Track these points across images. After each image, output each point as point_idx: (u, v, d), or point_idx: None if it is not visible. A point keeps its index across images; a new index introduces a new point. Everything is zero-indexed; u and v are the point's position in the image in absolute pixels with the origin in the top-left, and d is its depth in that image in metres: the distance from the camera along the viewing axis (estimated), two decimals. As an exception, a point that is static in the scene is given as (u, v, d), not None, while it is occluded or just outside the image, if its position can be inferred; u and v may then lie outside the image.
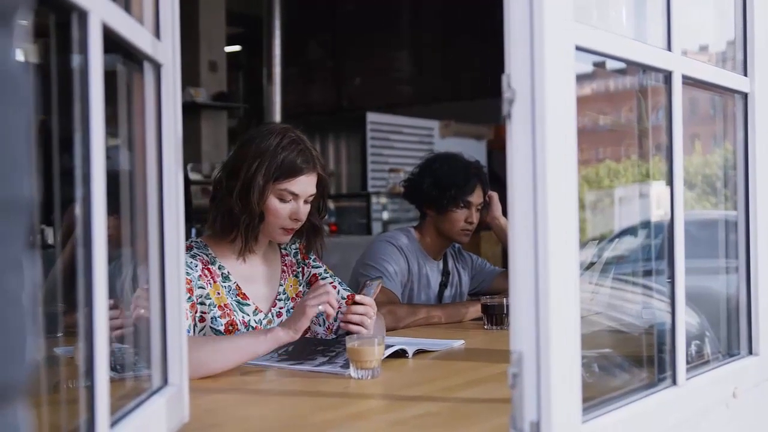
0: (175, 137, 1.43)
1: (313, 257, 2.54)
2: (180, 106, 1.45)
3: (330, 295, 2.10)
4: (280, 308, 2.42)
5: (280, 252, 2.50)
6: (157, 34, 1.40)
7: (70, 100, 1.05)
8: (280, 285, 2.45)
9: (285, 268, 2.48)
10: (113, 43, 1.15)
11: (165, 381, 1.41)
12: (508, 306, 2.77)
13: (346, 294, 2.48)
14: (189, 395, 1.49)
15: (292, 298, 2.46)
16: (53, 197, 1.11)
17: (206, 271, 2.26)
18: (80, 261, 1.04)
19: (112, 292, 1.10)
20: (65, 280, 1.25)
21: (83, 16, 1.03)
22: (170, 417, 1.38)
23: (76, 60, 1.05)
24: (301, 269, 2.52)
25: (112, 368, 1.17)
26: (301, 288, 2.49)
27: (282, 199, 2.29)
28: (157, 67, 1.39)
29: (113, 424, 1.12)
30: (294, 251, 2.53)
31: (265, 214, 2.30)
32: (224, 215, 2.30)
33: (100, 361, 1.04)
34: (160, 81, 1.40)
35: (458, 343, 2.46)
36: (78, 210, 1.04)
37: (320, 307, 2.07)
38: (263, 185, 2.25)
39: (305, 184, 2.32)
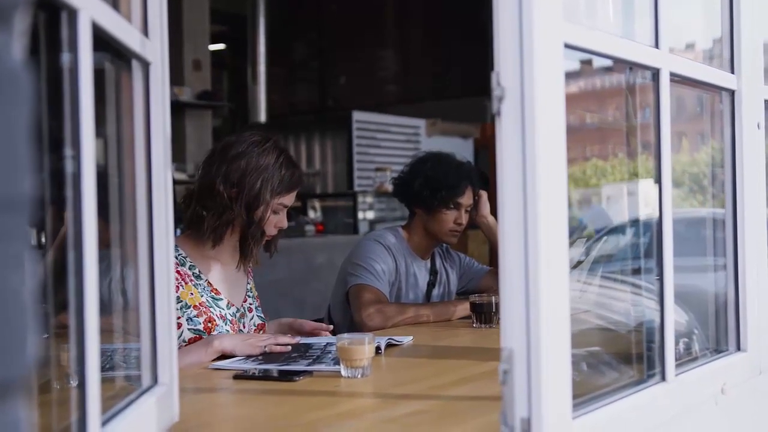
0: (164, 136, 1.43)
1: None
2: (168, 105, 1.44)
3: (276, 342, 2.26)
4: (250, 304, 2.55)
5: None
6: (145, 32, 1.39)
7: (59, 99, 1.05)
8: (248, 283, 2.57)
9: (249, 269, 2.60)
10: (101, 41, 1.14)
11: (155, 380, 1.41)
12: (496, 304, 2.78)
13: (258, 321, 2.56)
14: (179, 395, 1.49)
15: (256, 296, 2.60)
16: (39, 198, 1.11)
17: (176, 274, 2.29)
18: (71, 261, 1.03)
19: (100, 293, 1.09)
20: (52, 280, 1.25)
21: (73, 14, 1.02)
22: (160, 416, 1.37)
23: (65, 58, 1.04)
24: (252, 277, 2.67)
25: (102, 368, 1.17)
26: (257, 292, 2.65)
27: (275, 212, 2.42)
28: (145, 65, 1.39)
29: (104, 423, 1.12)
30: None
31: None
32: (225, 225, 2.38)
33: (91, 362, 1.04)
34: (149, 79, 1.40)
35: (407, 339, 2.48)
36: (68, 211, 1.04)
37: (266, 348, 2.23)
38: (269, 201, 2.38)
39: (294, 197, 2.47)
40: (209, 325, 2.34)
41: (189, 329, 2.31)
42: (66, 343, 1.10)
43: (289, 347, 2.25)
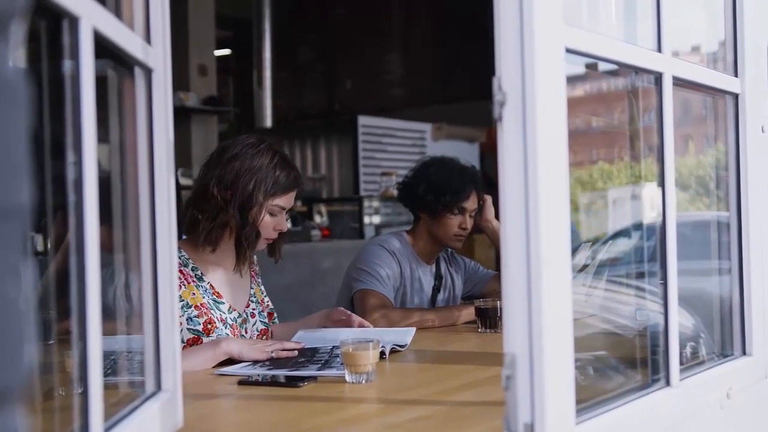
0: (167, 143, 1.43)
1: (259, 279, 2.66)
2: (171, 112, 1.45)
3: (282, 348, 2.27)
4: (253, 309, 2.54)
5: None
6: (147, 39, 1.39)
7: (61, 106, 1.05)
8: (251, 288, 2.57)
9: (253, 274, 2.60)
10: (103, 48, 1.14)
11: (158, 387, 1.41)
12: (501, 309, 2.77)
13: (261, 327, 2.56)
14: (182, 401, 1.49)
15: (260, 301, 2.59)
16: (44, 204, 1.11)
17: (179, 274, 2.30)
18: (73, 268, 1.03)
19: (105, 299, 1.10)
20: (57, 287, 1.25)
21: (74, 22, 1.02)
22: (164, 423, 1.38)
23: (66, 65, 1.04)
24: (260, 279, 2.65)
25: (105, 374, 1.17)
26: (264, 296, 2.63)
27: (272, 214, 2.41)
28: (148, 72, 1.39)
29: (107, 429, 1.12)
30: (255, 260, 2.66)
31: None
32: (220, 228, 2.38)
33: (94, 368, 1.04)
34: (151, 86, 1.40)
35: (411, 332, 2.50)
36: (70, 217, 1.04)
37: (273, 354, 2.22)
38: (263, 202, 2.37)
39: (292, 199, 2.46)
40: (209, 326, 2.34)
41: (188, 329, 2.31)
42: (70, 350, 1.10)
43: (296, 352, 2.25)
